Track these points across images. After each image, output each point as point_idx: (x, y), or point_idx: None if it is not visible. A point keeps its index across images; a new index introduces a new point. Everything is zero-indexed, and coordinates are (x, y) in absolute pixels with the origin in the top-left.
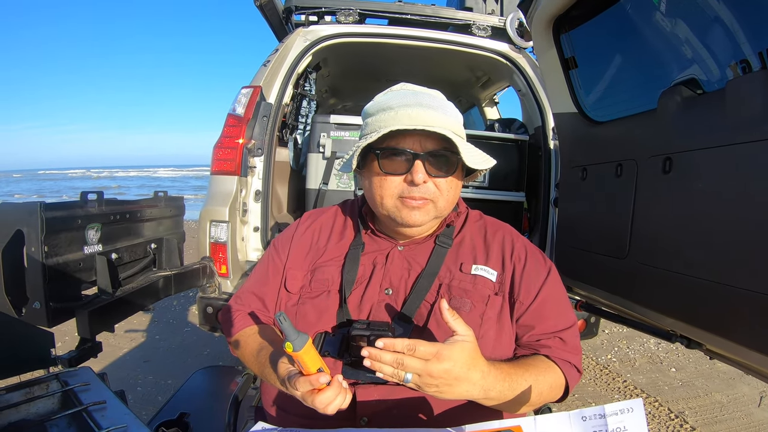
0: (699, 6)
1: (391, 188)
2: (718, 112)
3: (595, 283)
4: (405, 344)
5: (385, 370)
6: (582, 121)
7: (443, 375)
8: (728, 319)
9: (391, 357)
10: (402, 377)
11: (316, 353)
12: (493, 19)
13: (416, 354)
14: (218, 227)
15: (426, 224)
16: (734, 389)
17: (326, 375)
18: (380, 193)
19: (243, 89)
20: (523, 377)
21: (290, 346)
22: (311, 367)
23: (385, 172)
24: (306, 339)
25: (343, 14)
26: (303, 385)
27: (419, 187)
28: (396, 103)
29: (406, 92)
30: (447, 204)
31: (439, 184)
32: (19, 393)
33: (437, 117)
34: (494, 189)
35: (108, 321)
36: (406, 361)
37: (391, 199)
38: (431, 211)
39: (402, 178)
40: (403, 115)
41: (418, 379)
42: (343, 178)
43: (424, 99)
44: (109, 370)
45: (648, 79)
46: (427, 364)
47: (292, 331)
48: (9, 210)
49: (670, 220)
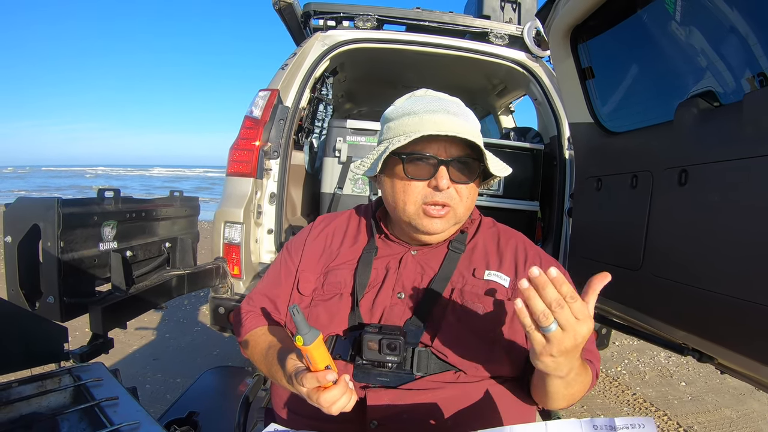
0: (716, 18)
1: (415, 193)
2: (735, 125)
3: (608, 294)
4: (570, 291)
5: (536, 306)
6: (598, 131)
7: (579, 340)
8: (742, 333)
9: (556, 296)
10: (549, 322)
11: (326, 350)
12: (510, 28)
13: (573, 308)
14: (232, 228)
15: (445, 232)
16: (744, 405)
17: (333, 373)
18: (403, 199)
19: (260, 92)
20: (580, 374)
21: (300, 339)
22: (320, 364)
23: (410, 177)
24: (317, 334)
25: (362, 20)
26: (309, 381)
27: (443, 192)
28: (420, 109)
29: (430, 98)
30: (465, 210)
31: (460, 190)
32: (31, 386)
33: (460, 124)
34: (508, 197)
35: (121, 318)
36: (565, 309)
37: (413, 206)
38: (451, 218)
39: (425, 183)
40: (428, 121)
41: (560, 333)
42: (358, 183)
43: (448, 105)
44: (119, 367)
45: (665, 90)
46: (577, 323)
47: (304, 324)
48: (26, 205)
49: (684, 232)
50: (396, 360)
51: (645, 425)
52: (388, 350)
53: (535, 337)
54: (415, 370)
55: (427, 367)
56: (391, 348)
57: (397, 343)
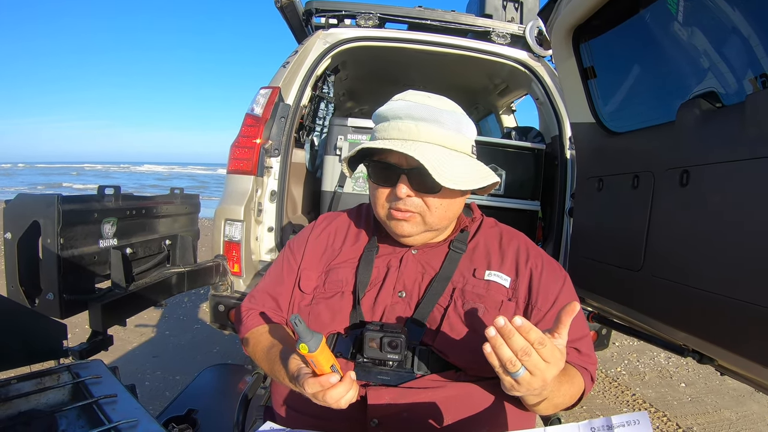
0: (718, 19)
1: (382, 199)
2: (737, 126)
3: (608, 294)
4: (538, 337)
5: (504, 354)
6: (600, 131)
7: (548, 380)
8: (743, 334)
9: (522, 345)
10: (517, 368)
11: (329, 352)
12: (512, 27)
13: (543, 353)
14: (233, 226)
15: (417, 235)
16: (744, 406)
17: (337, 375)
18: (374, 202)
19: (262, 89)
20: (562, 379)
21: (305, 347)
22: (325, 366)
23: (376, 183)
24: (320, 339)
25: (363, 18)
26: (312, 386)
27: (404, 200)
28: (391, 115)
29: (403, 103)
30: (438, 219)
31: (427, 199)
32: (30, 383)
33: (425, 130)
34: (509, 197)
35: (120, 315)
36: (533, 355)
37: (382, 209)
38: (419, 223)
39: (389, 190)
40: (393, 128)
41: (528, 376)
42: (359, 181)
43: (417, 111)
44: (118, 364)
45: (667, 90)
46: (547, 367)
47: (307, 333)
48: (26, 201)
49: (686, 233)
50: (397, 358)
51: (640, 420)
52: (389, 348)
53: (504, 378)
54: (416, 368)
55: (428, 366)
56: (392, 346)
57: (398, 341)
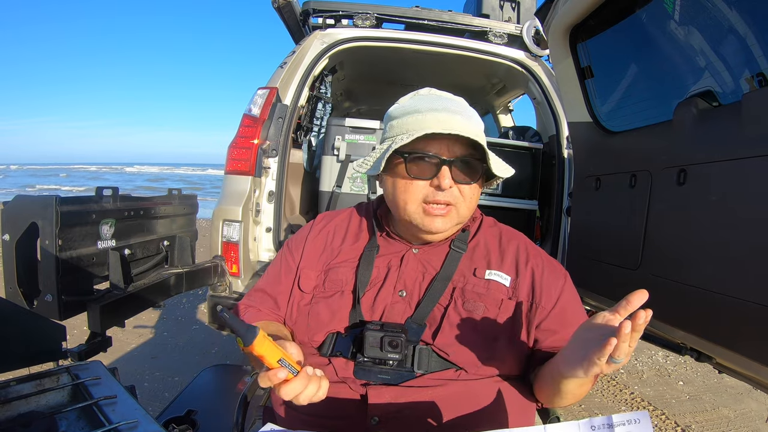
0: (715, 18)
1: (416, 192)
2: (734, 125)
3: (607, 293)
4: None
5: (625, 349)
6: (597, 130)
7: None
8: (740, 333)
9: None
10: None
11: (273, 344)
12: (509, 27)
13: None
14: (231, 226)
15: (446, 231)
16: (742, 404)
17: (284, 370)
18: (404, 198)
19: (259, 90)
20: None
21: (240, 341)
22: (271, 360)
23: (412, 176)
24: (256, 332)
25: (361, 18)
26: (262, 381)
27: (445, 192)
28: (424, 107)
29: (434, 97)
30: (468, 210)
31: (462, 189)
32: (29, 384)
33: (464, 123)
34: (507, 197)
35: (119, 316)
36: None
37: (414, 204)
38: (454, 217)
39: (428, 182)
40: (432, 120)
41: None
42: (357, 181)
43: (451, 104)
44: (117, 366)
45: (664, 90)
46: (630, 351)
47: (240, 325)
48: (24, 203)
49: (683, 232)
50: (397, 357)
51: (641, 420)
52: (389, 347)
53: (601, 365)
54: (416, 367)
55: (428, 364)
56: (392, 345)
57: (398, 340)
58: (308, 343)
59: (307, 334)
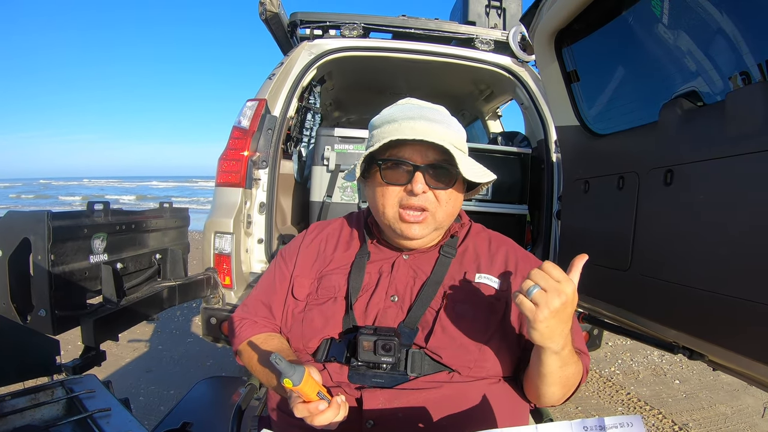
0: (699, 18)
1: (392, 197)
2: (719, 124)
3: (598, 295)
4: (548, 264)
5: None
6: (584, 134)
7: (563, 299)
8: (731, 329)
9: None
10: (529, 285)
11: (314, 381)
12: (495, 33)
13: (553, 275)
14: (223, 239)
15: (426, 237)
16: (738, 401)
17: (324, 402)
18: (382, 202)
19: (248, 102)
20: (571, 352)
21: (289, 382)
22: (311, 395)
23: (387, 182)
24: (303, 372)
25: (348, 28)
26: (301, 411)
27: (418, 196)
28: (400, 116)
29: (411, 106)
30: (446, 215)
31: (438, 195)
32: (24, 399)
33: (439, 130)
34: (497, 202)
35: (112, 330)
36: (544, 276)
37: (391, 209)
38: (430, 223)
39: (402, 188)
40: (406, 127)
41: (542, 293)
42: (347, 190)
43: (427, 113)
44: (112, 379)
45: (649, 91)
46: (558, 284)
47: (289, 368)
48: (16, 218)
49: (672, 231)
50: (391, 361)
51: (633, 423)
52: (383, 351)
53: (525, 304)
54: (410, 371)
55: (421, 367)
56: (386, 349)
57: (392, 344)
58: (303, 350)
59: (301, 341)
